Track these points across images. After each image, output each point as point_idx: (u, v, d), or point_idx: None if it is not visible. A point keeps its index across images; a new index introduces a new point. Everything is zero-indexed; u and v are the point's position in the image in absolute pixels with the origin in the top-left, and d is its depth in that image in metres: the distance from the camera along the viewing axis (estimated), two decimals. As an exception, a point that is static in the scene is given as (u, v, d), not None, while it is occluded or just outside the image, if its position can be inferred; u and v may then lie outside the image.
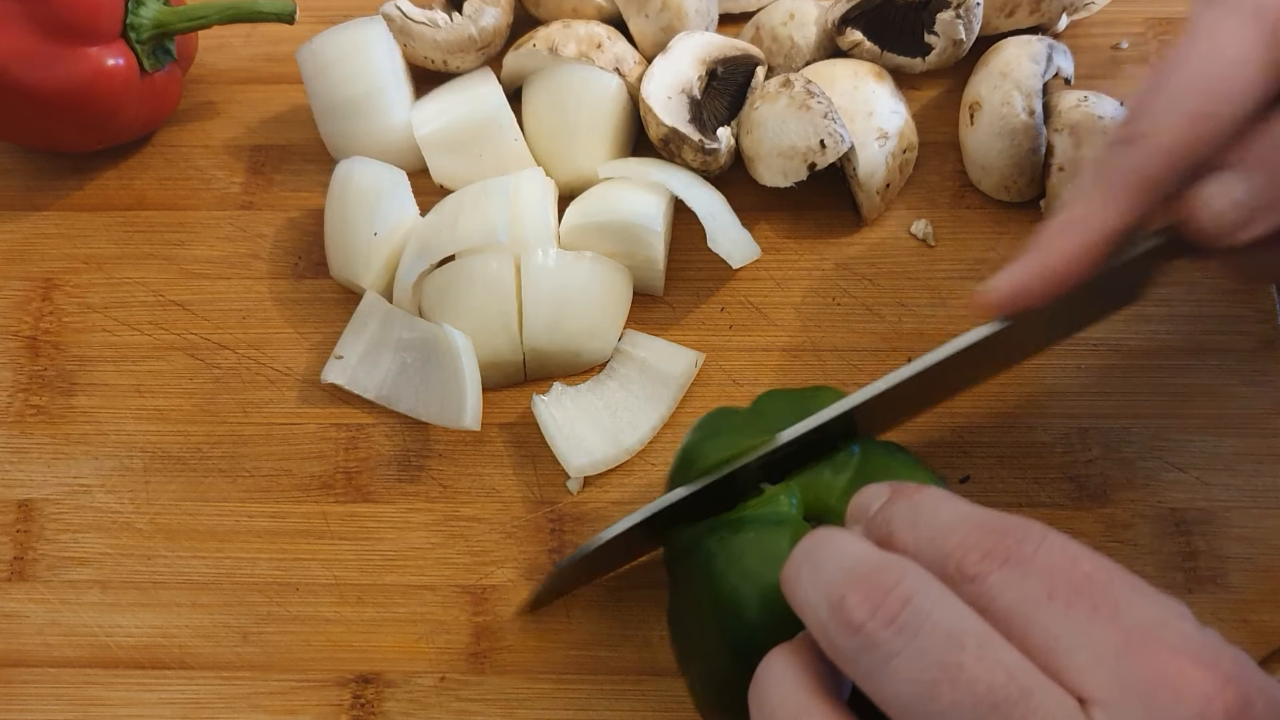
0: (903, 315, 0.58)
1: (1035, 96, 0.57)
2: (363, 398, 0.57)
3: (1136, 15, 0.65)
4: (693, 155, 0.58)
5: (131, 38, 0.59)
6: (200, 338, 0.60)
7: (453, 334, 0.54)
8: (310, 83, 0.61)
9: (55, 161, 0.65)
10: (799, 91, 0.57)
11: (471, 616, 0.53)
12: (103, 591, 0.54)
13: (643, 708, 0.51)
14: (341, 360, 0.57)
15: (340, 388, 0.57)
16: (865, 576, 0.34)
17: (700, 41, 0.60)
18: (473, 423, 0.54)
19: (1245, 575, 0.52)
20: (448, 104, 0.61)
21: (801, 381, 0.57)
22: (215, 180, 0.64)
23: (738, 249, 0.57)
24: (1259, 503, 0.53)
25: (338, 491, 0.56)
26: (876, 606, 0.33)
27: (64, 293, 0.61)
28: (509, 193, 0.57)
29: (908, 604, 0.33)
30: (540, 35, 0.61)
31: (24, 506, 0.56)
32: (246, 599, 0.54)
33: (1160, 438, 0.54)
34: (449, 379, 0.55)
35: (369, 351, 0.57)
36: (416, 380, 0.56)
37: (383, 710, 0.51)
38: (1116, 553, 0.52)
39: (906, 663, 0.33)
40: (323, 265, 0.61)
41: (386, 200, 0.58)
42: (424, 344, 0.56)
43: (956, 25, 0.59)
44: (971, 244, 0.60)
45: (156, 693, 0.52)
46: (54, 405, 0.58)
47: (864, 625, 0.33)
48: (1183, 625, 0.33)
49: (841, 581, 0.34)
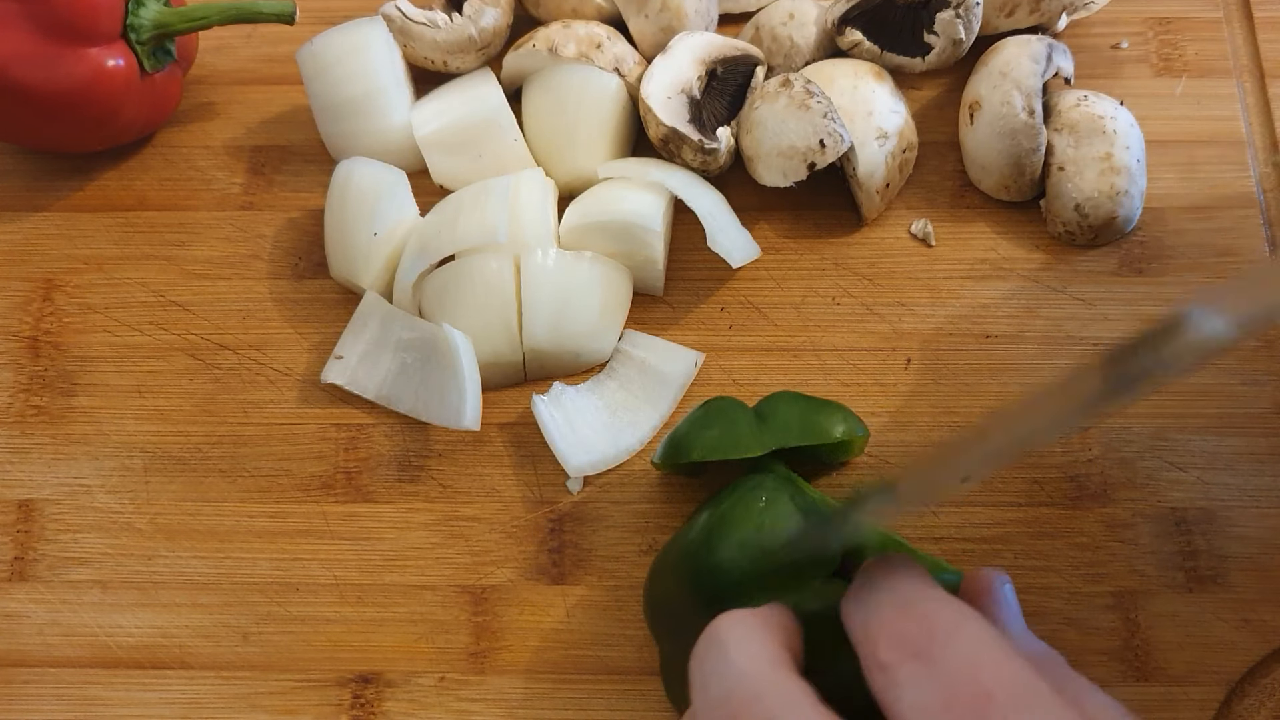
0: (903, 315, 0.58)
1: (1035, 96, 0.57)
2: (362, 398, 0.57)
3: (1136, 15, 0.65)
4: (692, 155, 0.58)
5: (132, 38, 0.59)
6: (200, 338, 0.60)
7: (452, 334, 0.54)
8: (310, 83, 0.61)
9: (56, 162, 0.65)
10: (799, 91, 0.57)
11: (471, 616, 0.53)
12: (103, 591, 0.54)
13: (642, 708, 0.51)
14: (341, 360, 0.57)
15: (340, 388, 0.57)
16: (737, 705, 0.35)
17: (700, 41, 0.60)
18: (472, 423, 0.54)
19: (1245, 575, 0.52)
20: (448, 104, 0.61)
21: (801, 381, 0.57)
22: (215, 181, 0.64)
23: (737, 248, 0.57)
24: (1259, 502, 0.53)
25: (338, 491, 0.56)
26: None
27: (64, 293, 0.61)
28: (509, 193, 0.57)
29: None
30: (540, 35, 0.61)
31: (24, 506, 0.56)
32: (246, 599, 0.54)
33: (1160, 438, 0.54)
34: (448, 379, 0.55)
35: (368, 352, 0.57)
36: (416, 381, 0.56)
37: (383, 710, 0.51)
38: (1117, 552, 0.52)
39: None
40: (323, 265, 0.61)
41: (386, 200, 0.58)
42: (423, 344, 0.56)
43: (956, 25, 0.59)
44: (971, 244, 0.60)
45: (156, 693, 0.52)
46: (54, 405, 0.59)
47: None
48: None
49: (719, 699, 0.36)
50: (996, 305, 0.58)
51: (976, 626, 0.35)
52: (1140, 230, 0.59)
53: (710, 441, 0.49)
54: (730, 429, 0.49)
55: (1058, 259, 0.59)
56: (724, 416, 0.50)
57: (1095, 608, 0.51)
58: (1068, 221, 0.58)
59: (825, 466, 0.54)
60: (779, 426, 0.50)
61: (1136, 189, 0.58)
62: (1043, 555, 0.52)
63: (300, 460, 0.56)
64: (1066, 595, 0.52)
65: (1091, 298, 0.58)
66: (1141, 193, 0.58)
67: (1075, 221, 0.58)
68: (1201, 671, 0.50)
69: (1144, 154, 0.58)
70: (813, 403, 0.52)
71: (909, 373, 0.56)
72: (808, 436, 0.50)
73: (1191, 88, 0.63)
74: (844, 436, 0.51)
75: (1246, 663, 0.50)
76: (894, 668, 0.34)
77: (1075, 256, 0.59)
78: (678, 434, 0.51)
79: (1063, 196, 0.57)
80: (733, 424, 0.50)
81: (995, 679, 0.33)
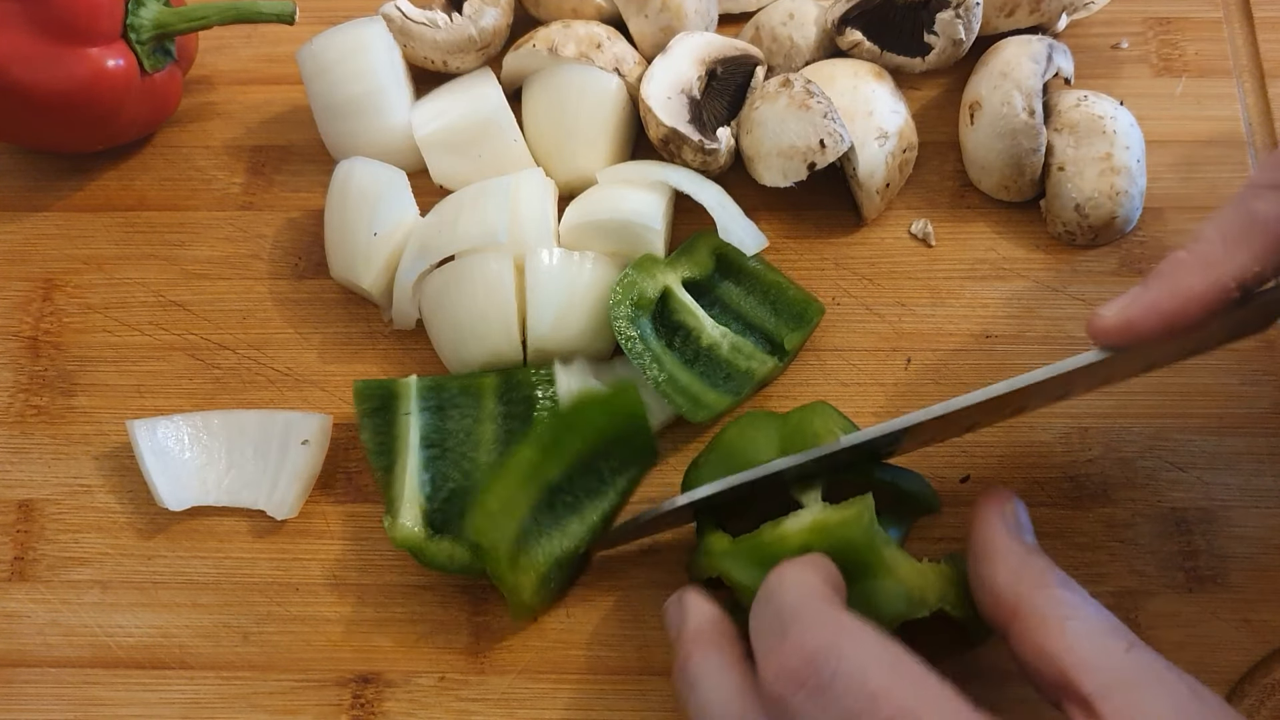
0: (903, 315, 0.58)
1: (1035, 96, 0.57)
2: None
3: (1136, 15, 0.65)
4: (692, 155, 0.58)
5: (132, 38, 0.59)
6: (200, 338, 0.60)
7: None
8: (310, 83, 0.61)
9: (56, 162, 0.65)
10: (798, 91, 0.57)
11: (471, 616, 0.53)
12: (103, 591, 0.54)
13: (642, 708, 0.51)
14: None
15: (338, 388, 0.57)
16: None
17: (700, 42, 0.60)
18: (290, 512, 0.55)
19: (1245, 575, 0.52)
20: (448, 104, 0.61)
21: (801, 381, 0.57)
22: (215, 181, 0.64)
23: (750, 237, 0.57)
24: (1259, 502, 0.53)
25: (338, 491, 0.56)
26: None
27: (64, 293, 0.61)
28: (509, 193, 0.57)
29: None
30: (540, 35, 0.61)
31: (24, 506, 0.56)
32: (246, 599, 0.54)
33: (1160, 438, 0.54)
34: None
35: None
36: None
37: (383, 710, 0.51)
38: (1117, 553, 0.52)
39: None
40: (323, 265, 0.61)
41: (386, 200, 0.58)
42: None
43: (956, 25, 0.59)
44: (971, 244, 0.60)
45: (156, 693, 0.52)
46: (54, 405, 0.58)
47: None
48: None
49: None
50: (996, 305, 0.58)
51: (853, 645, 0.38)
52: (1140, 230, 0.59)
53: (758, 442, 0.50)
54: (769, 434, 0.50)
55: (1058, 259, 0.59)
56: (763, 424, 0.51)
57: (1095, 608, 0.51)
58: (1068, 221, 0.58)
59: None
60: (814, 434, 0.50)
61: (1136, 189, 0.58)
62: (1043, 555, 0.52)
63: (300, 460, 0.56)
64: (1066, 595, 0.52)
65: (1091, 298, 0.58)
66: (1141, 193, 0.58)
67: (1075, 221, 0.58)
68: (1201, 671, 0.49)
69: (1144, 154, 0.58)
70: (842, 419, 0.51)
71: (909, 373, 0.56)
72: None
73: (1191, 88, 0.63)
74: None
75: (1246, 663, 0.50)
76: (786, 699, 0.38)
77: (1075, 256, 0.59)
78: (728, 438, 0.51)
79: (1063, 196, 0.57)
80: (771, 430, 0.50)
81: (885, 694, 0.36)
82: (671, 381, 0.54)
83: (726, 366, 0.55)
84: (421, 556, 0.51)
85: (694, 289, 0.57)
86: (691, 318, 0.56)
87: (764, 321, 0.57)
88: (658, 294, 0.55)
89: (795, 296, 0.57)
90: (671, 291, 0.56)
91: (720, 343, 0.55)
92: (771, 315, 0.57)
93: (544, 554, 0.50)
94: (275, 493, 0.55)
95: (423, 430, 0.54)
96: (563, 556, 0.50)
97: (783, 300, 0.57)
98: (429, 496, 0.53)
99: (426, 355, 0.58)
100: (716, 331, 0.55)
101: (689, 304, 0.56)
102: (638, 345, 0.54)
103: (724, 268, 0.58)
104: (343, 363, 0.59)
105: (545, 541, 0.50)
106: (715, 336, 0.55)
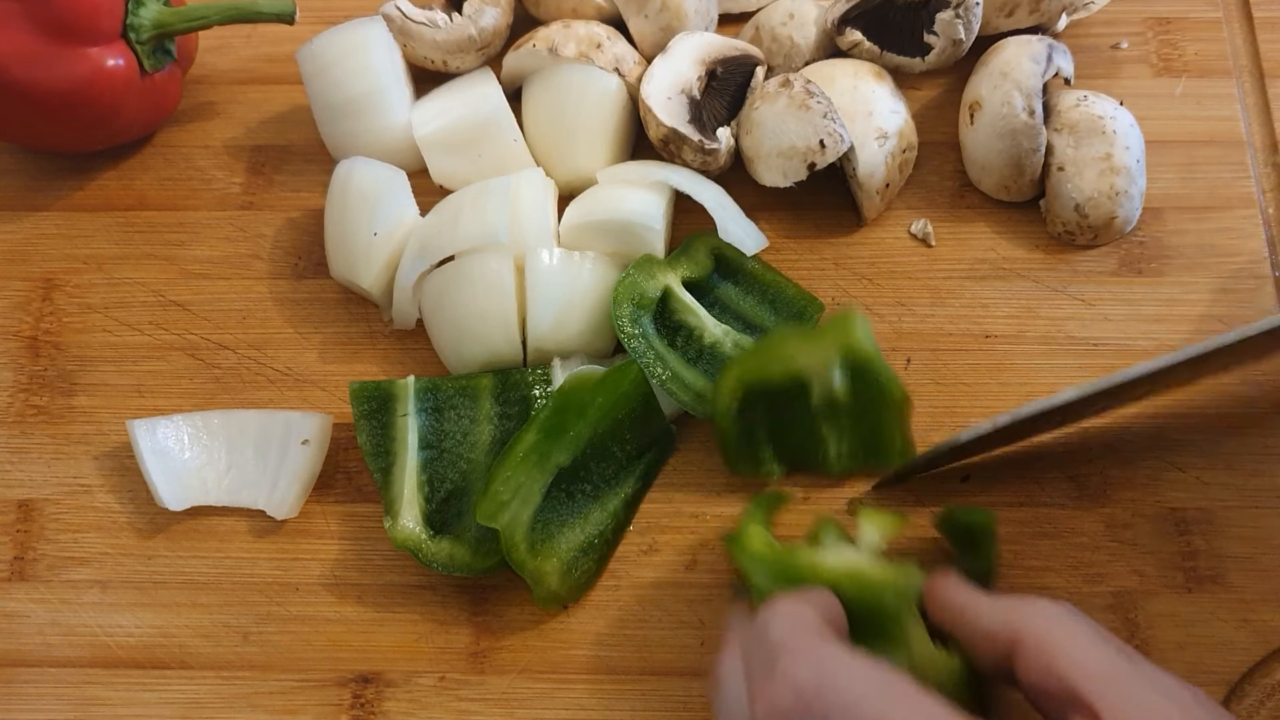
0: (903, 315, 0.58)
1: (1035, 96, 0.57)
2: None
3: (1136, 15, 0.65)
4: (692, 155, 0.58)
5: (131, 38, 0.59)
6: (200, 338, 0.60)
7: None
8: (310, 83, 0.61)
9: (55, 162, 0.65)
10: (798, 91, 0.57)
11: (471, 616, 0.53)
12: (103, 591, 0.54)
13: (642, 708, 0.51)
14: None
15: (338, 388, 0.57)
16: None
17: (700, 42, 0.60)
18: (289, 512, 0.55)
19: (1245, 575, 0.52)
20: (448, 104, 0.61)
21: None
22: (215, 180, 0.64)
23: (750, 237, 0.57)
24: (1259, 502, 0.53)
25: (337, 491, 0.56)
26: None
27: (64, 293, 0.61)
28: (509, 193, 0.57)
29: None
30: (540, 35, 0.61)
31: (24, 506, 0.56)
32: (246, 599, 0.54)
33: (1160, 438, 0.54)
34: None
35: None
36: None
37: (383, 710, 0.51)
38: (1117, 553, 0.52)
39: None
40: (323, 265, 0.61)
41: (386, 200, 0.58)
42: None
43: (956, 25, 0.59)
44: (971, 244, 0.60)
45: (156, 692, 0.52)
46: (54, 405, 0.58)
47: None
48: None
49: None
50: (996, 305, 0.58)
51: (846, 676, 0.38)
52: (1140, 230, 0.59)
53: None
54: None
55: (1058, 259, 0.59)
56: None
57: (1095, 608, 0.51)
58: (1068, 221, 0.58)
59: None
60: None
61: (1136, 189, 0.58)
62: (1042, 555, 0.52)
63: (300, 460, 0.56)
64: (1066, 595, 0.52)
65: (1091, 298, 0.58)
66: (1141, 193, 0.58)
67: (1075, 221, 0.58)
68: (1201, 671, 0.50)
69: (1144, 154, 0.58)
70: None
71: (909, 373, 0.56)
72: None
73: (1191, 88, 0.63)
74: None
75: (1246, 663, 0.50)
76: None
77: (1075, 256, 0.59)
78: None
79: (1063, 196, 0.57)
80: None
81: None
82: (676, 379, 0.54)
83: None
84: (421, 556, 0.51)
85: (693, 289, 0.57)
86: (693, 317, 0.56)
87: (764, 321, 0.57)
88: (658, 294, 0.55)
89: (794, 296, 0.57)
90: (672, 291, 0.56)
91: (723, 341, 0.55)
92: (771, 314, 0.57)
93: (566, 542, 0.52)
94: (275, 492, 0.55)
95: (420, 431, 0.54)
96: (586, 544, 0.52)
97: (782, 299, 0.58)
98: (427, 498, 0.53)
99: (426, 355, 0.58)
100: (719, 330, 0.56)
101: (690, 303, 0.56)
102: (641, 344, 0.54)
103: (723, 268, 0.58)
104: (342, 362, 0.59)
105: (568, 531, 0.52)
106: (718, 335, 0.55)
